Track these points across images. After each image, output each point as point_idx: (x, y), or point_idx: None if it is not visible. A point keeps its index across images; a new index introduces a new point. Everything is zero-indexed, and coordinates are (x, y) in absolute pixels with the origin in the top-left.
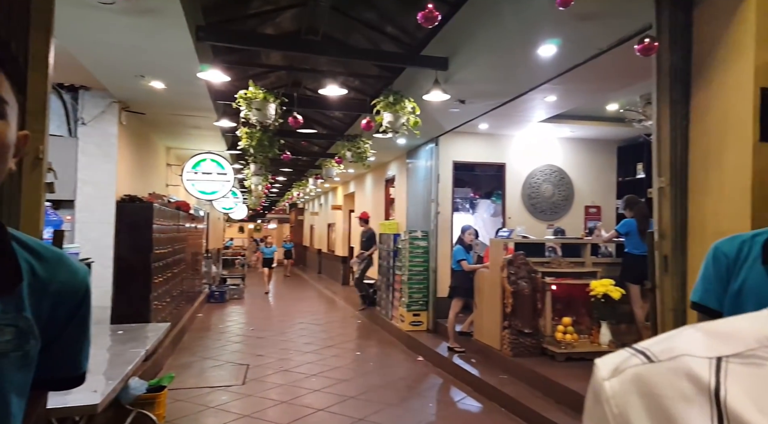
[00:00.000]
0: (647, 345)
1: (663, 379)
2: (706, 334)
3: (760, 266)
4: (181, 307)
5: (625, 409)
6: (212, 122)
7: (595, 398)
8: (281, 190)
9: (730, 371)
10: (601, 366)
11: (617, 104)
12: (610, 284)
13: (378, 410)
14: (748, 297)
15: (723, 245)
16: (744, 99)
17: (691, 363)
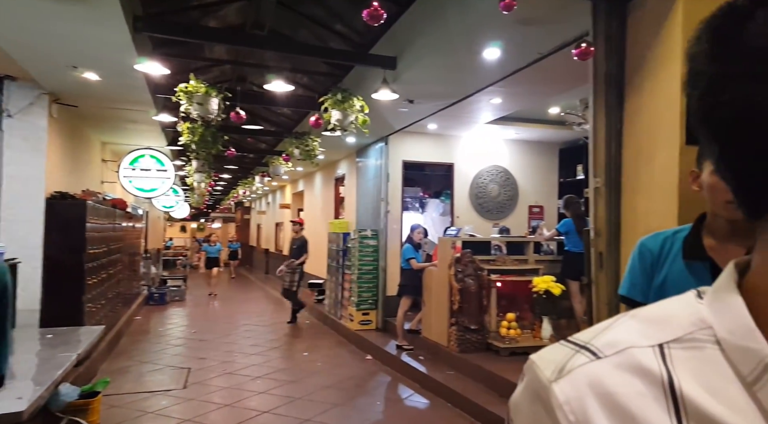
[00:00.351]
0: (588, 339)
1: (615, 375)
2: (641, 321)
3: (681, 260)
4: (118, 309)
5: (583, 413)
6: (151, 117)
7: (538, 402)
8: (226, 188)
9: (675, 358)
10: (542, 364)
11: (558, 108)
12: (552, 280)
13: (325, 411)
14: (670, 290)
15: (647, 241)
16: (672, 105)
17: (638, 355)
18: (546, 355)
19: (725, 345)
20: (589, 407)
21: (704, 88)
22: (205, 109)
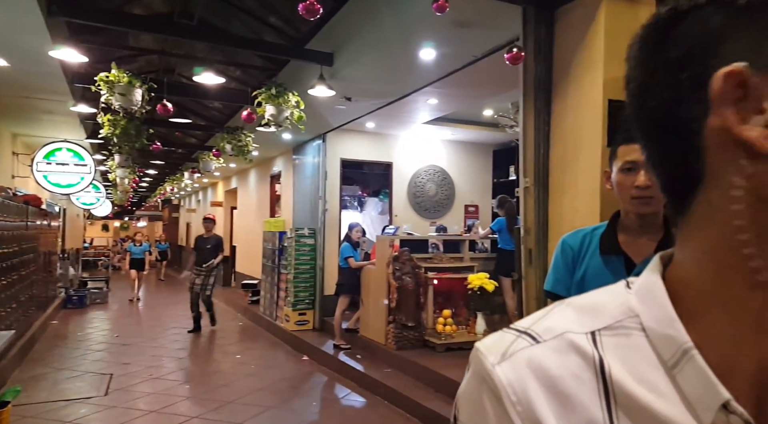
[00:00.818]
0: (528, 325)
1: (553, 358)
2: (576, 310)
3: (598, 255)
4: (31, 313)
5: (525, 395)
6: (69, 107)
7: (483, 386)
8: (152, 184)
9: (606, 344)
10: (485, 351)
11: (492, 110)
12: (485, 277)
13: (258, 414)
14: (589, 283)
15: (568, 238)
16: (595, 109)
17: (574, 339)
18: (489, 342)
19: (650, 332)
20: (530, 388)
21: (633, 92)
22: (128, 100)
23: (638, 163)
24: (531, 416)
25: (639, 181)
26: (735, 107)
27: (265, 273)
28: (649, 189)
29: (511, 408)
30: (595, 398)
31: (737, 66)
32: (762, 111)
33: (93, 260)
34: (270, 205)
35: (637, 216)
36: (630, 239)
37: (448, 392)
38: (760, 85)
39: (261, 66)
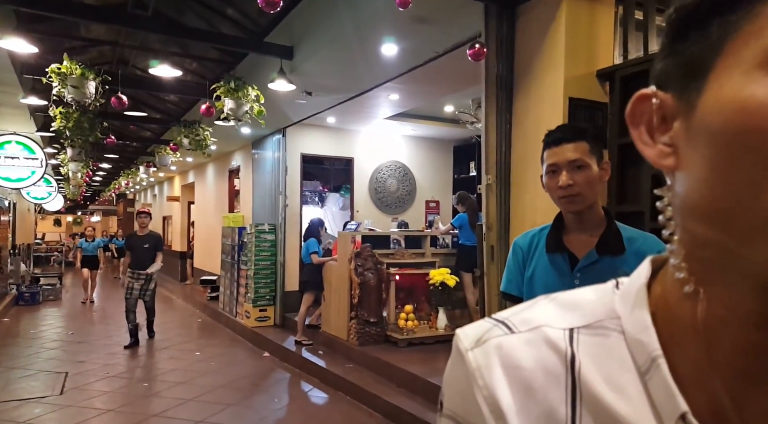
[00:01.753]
0: (507, 315)
1: (523, 350)
2: (558, 306)
3: (545, 254)
4: None
5: (490, 380)
6: (18, 99)
7: (459, 370)
8: (106, 178)
9: (581, 342)
10: (463, 337)
11: (452, 106)
12: (447, 272)
13: (219, 411)
14: (537, 280)
15: (519, 240)
16: (555, 107)
17: (549, 333)
18: (468, 329)
19: (627, 336)
20: (495, 374)
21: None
22: (81, 92)
23: (560, 165)
24: (494, 402)
25: (561, 181)
26: (644, 126)
27: (224, 269)
28: (571, 188)
29: (478, 392)
30: (560, 392)
31: (647, 90)
32: (668, 130)
33: (45, 256)
34: (229, 200)
35: (573, 214)
36: (573, 236)
37: (409, 387)
38: (673, 106)
39: (218, 59)
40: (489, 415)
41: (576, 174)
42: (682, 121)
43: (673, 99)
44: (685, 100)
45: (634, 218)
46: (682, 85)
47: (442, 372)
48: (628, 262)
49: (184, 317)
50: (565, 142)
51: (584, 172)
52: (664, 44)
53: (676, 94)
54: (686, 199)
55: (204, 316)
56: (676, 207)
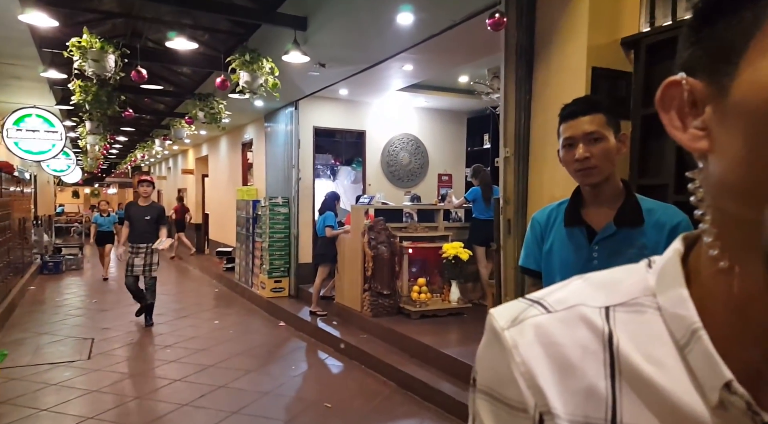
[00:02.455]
0: (542, 296)
1: (561, 328)
2: (591, 285)
3: (563, 228)
4: (9, 279)
5: (528, 358)
6: (38, 73)
7: (495, 348)
8: (122, 151)
9: (618, 319)
10: (498, 317)
11: (467, 77)
12: (460, 246)
13: (238, 377)
14: (555, 255)
15: (537, 215)
16: (578, 77)
17: (585, 312)
18: (502, 309)
19: (664, 312)
20: (534, 353)
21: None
22: (101, 66)
23: (576, 138)
24: (531, 377)
25: (577, 154)
26: (675, 111)
27: (239, 241)
28: (588, 160)
29: (515, 368)
30: (599, 368)
31: (676, 77)
32: (699, 114)
33: (66, 227)
34: (242, 174)
35: (590, 187)
36: (591, 209)
37: (422, 357)
38: (704, 91)
39: (229, 30)
40: (527, 390)
41: (592, 146)
42: (714, 106)
43: (703, 84)
44: (717, 85)
45: (658, 191)
46: (712, 70)
47: (454, 344)
48: (646, 234)
49: (201, 286)
50: (581, 114)
51: (601, 145)
52: (690, 31)
53: (707, 79)
54: (721, 180)
55: (221, 286)
56: (709, 188)
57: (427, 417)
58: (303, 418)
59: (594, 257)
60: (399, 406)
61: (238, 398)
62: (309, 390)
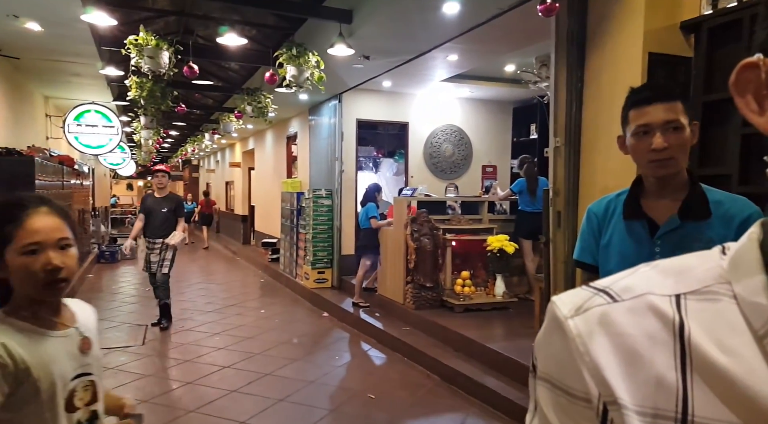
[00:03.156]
0: (607, 284)
1: (628, 317)
2: (660, 272)
3: (622, 220)
4: None
5: (593, 347)
6: (96, 70)
7: (557, 336)
8: (174, 145)
9: (690, 308)
10: (561, 304)
11: (514, 65)
12: (505, 239)
13: (284, 365)
14: (614, 249)
15: (594, 207)
16: (633, 63)
17: (654, 301)
18: (565, 296)
19: (740, 300)
20: (599, 342)
21: None
22: (156, 62)
23: (652, 126)
24: (596, 367)
25: (655, 143)
26: (752, 95)
27: (284, 232)
28: (666, 150)
29: (579, 358)
30: (669, 359)
31: (752, 59)
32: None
33: (120, 218)
34: (287, 166)
35: (656, 179)
36: (652, 201)
37: (466, 351)
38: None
39: (275, 25)
40: (590, 380)
41: (670, 136)
42: None
43: None
44: None
45: (720, 181)
46: None
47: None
48: (713, 227)
49: (247, 276)
50: (658, 101)
51: (679, 135)
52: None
53: None
54: None
55: (266, 276)
56: None
57: (472, 412)
58: (347, 408)
59: (656, 252)
60: (443, 399)
61: (284, 386)
62: (353, 380)
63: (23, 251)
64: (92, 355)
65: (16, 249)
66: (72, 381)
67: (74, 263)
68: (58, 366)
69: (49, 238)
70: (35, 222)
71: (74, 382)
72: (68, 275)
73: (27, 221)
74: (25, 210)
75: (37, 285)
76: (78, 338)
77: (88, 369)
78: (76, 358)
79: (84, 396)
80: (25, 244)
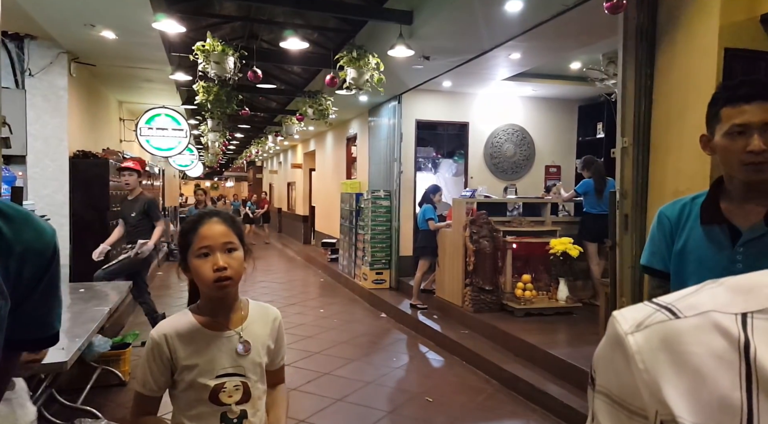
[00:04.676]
0: (671, 301)
1: (691, 335)
2: (728, 289)
3: (699, 226)
4: None
5: (653, 365)
6: (167, 75)
7: (617, 351)
8: (238, 147)
9: (757, 327)
10: (621, 320)
11: (580, 63)
12: (569, 242)
13: (342, 365)
14: (690, 256)
15: (666, 209)
16: (708, 59)
17: (719, 319)
18: (626, 312)
19: None
20: (659, 360)
21: None
22: (222, 68)
23: (750, 126)
24: (655, 385)
25: (753, 145)
26: None
27: (342, 233)
28: (764, 153)
29: (638, 375)
30: (734, 379)
31: None
32: None
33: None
34: (346, 167)
35: (744, 183)
36: (734, 206)
37: (528, 357)
38: None
39: (337, 28)
40: (649, 398)
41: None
42: None
43: None
44: None
45: None
46: None
47: (562, 344)
48: None
49: (307, 276)
50: (759, 99)
51: None
52: None
53: None
54: None
55: (325, 276)
56: None
57: (533, 418)
58: (405, 410)
59: (738, 260)
60: (503, 405)
61: (342, 386)
62: (410, 382)
63: (197, 253)
64: (249, 358)
65: (193, 252)
66: (221, 377)
67: (239, 264)
68: (207, 360)
69: (216, 242)
70: (206, 230)
71: (224, 379)
72: (233, 274)
73: (200, 229)
74: (201, 221)
75: (208, 282)
76: (237, 341)
77: (241, 371)
78: (232, 358)
79: (234, 395)
80: (199, 247)
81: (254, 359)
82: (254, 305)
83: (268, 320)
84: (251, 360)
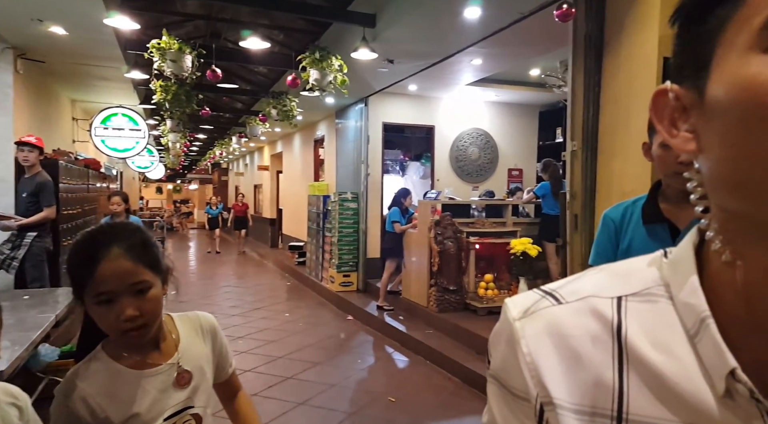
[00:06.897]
0: (555, 287)
1: (571, 319)
2: (608, 275)
3: (641, 226)
4: None
5: (536, 349)
6: (122, 74)
7: (505, 336)
8: (202, 148)
9: (630, 309)
10: (512, 306)
11: (539, 69)
12: (529, 242)
13: (306, 369)
14: (634, 254)
15: (610, 212)
16: (649, 68)
17: (596, 303)
18: (517, 299)
19: (676, 301)
20: (542, 344)
21: None
22: (179, 66)
23: None
24: (536, 369)
25: (683, 157)
26: (667, 119)
27: (310, 235)
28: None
29: (522, 359)
30: (608, 359)
31: (664, 86)
32: (688, 119)
33: (148, 221)
34: (314, 169)
35: (682, 190)
36: (672, 206)
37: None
38: (688, 96)
39: (304, 29)
40: (530, 380)
41: None
42: (697, 109)
43: (687, 90)
44: (697, 89)
45: None
46: (693, 76)
47: None
48: None
49: (274, 279)
50: None
51: None
52: (675, 40)
53: (690, 84)
54: (711, 177)
55: (292, 279)
56: (706, 186)
57: None
58: (368, 410)
59: None
60: (465, 402)
61: (305, 389)
62: (374, 383)
63: (96, 300)
64: (193, 387)
65: (90, 296)
66: (169, 420)
67: (155, 305)
68: (147, 408)
69: (121, 286)
70: (105, 270)
71: (173, 419)
72: (148, 320)
73: (97, 270)
74: (96, 257)
75: (115, 333)
76: (173, 373)
77: (190, 403)
78: (176, 394)
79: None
80: (97, 294)
81: (200, 386)
82: (181, 320)
83: (202, 333)
84: (197, 388)
